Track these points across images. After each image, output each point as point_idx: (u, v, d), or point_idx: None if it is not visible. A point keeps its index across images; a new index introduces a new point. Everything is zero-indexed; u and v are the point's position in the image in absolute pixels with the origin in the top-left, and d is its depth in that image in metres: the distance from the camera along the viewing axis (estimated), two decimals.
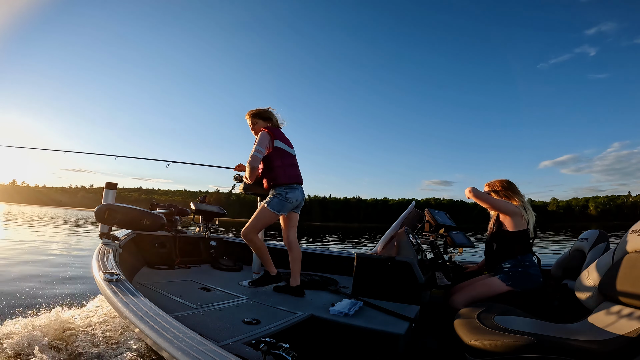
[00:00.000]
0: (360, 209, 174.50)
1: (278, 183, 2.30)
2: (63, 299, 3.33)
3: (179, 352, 0.89)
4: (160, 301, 1.87)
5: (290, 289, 2.31)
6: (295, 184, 2.35)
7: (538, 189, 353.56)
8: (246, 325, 1.59)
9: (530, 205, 2.29)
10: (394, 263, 2.24)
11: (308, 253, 3.48)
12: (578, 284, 1.82)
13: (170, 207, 3.20)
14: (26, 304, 3.15)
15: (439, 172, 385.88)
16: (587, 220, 62.58)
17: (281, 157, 2.34)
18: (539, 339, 1.35)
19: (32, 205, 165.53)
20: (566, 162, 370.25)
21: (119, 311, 1.28)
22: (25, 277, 4.46)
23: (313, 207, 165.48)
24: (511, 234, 2.18)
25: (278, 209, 2.28)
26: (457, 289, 2.30)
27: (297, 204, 2.41)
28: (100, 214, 2.01)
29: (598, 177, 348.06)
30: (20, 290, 3.71)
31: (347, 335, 1.70)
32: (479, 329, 1.49)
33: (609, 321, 1.44)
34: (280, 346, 1.10)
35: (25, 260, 5.91)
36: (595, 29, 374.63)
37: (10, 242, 8.87)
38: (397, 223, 2.55)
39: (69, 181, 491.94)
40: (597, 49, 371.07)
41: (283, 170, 2.32)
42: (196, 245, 3.53)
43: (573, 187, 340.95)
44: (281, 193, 2.29)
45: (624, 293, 1.46)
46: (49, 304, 3.12)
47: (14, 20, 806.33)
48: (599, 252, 2.10)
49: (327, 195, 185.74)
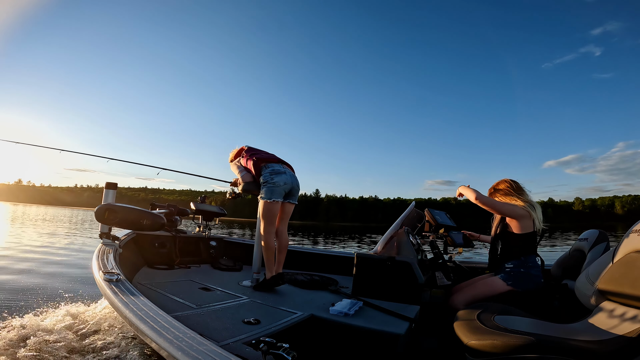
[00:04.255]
0: (378, 209, 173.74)
1: (260, 165, 2.43)
2: (63, 298, 3.33)
3: (179, 352, 0.89)
4: (160, 301, 1.87)
5: (266, 281, 2.37)
6: (276, 163, 2.45)
7: (542, 188, 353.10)
8: (246, 325, 1.59)
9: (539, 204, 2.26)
10: (394, 263, 2.23)
11: (308, 253, 3.48)
12: (578, 284, 1.82)
13: (170, 207, 3.20)
14: (26, 303, 3.15)
15: (441, 172, 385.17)
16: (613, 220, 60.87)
17: (256, 150, 2.53)
18: (539, 339, 1.35)
19: (38, 205, 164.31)
20: (570, 162, 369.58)
21: (119, 311, 1.28)
22: (25, 278, 4.46)
23: (331, 208, 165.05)
24: (517, 236, 2.16)
25: (269, 196, 2.34)
26: (457, 289, 2.30)
27: (289, 188, 2.42)
28: (100, 214, 2.01)
29: (602, 177, 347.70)
30: (21, 291, 3.71)
31: (347, 335, 1.70)
32: (479, 329, 1.49)
33: (609, 321, 1.44)
34: (280, 346, 1.10)
35: (26, 260, 5.91)
36: (601, 29, 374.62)
37: (13, 242, 8.88)
38: (397, 223, 2.54)
39: (73, 181, 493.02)
40: (603, 49, 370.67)
41: (261, 155, 2.49)
42: (196, 245, 3.53)
43: (577, 187, 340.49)
44: (267, 180, 2.37)
45: (624, 293, 1.46)
46: (49, 303, 3.12)
47: (17, 20, 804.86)
48: (599, 252, 2.10)
49: (344, 195, 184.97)
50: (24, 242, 8.79)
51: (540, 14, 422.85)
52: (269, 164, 2.46)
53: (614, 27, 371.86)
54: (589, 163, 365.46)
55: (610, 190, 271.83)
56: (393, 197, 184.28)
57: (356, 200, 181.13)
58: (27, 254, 6.71)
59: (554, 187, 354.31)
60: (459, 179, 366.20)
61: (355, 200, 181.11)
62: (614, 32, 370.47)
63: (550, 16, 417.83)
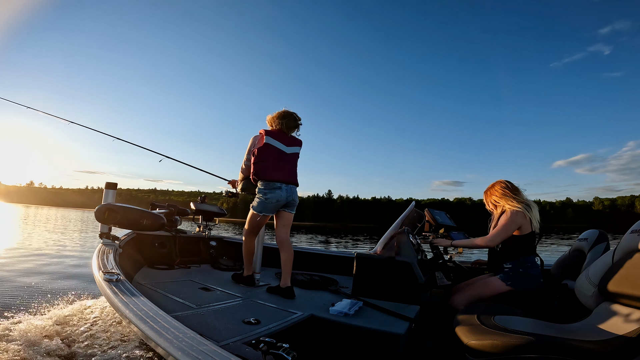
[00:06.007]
0: (391, 210, 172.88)
1: (259, 177, 2.33)
2: (63, 298, 3.33)
3: (179, 352, 0.89)
4: (160, 301, 1.87)
5: (280, 290, 2.28)
6: (277, 182, 2.32)
7: (552, 189, 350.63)
8: (246, 325, 1.59)
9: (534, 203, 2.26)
10: (394, 263, 2.24)
11: (308, 253, 3.48)
12: (578, 284, 1.82)
13: (170, 207, 3.20)
14: (26, 303, 3.15)
15: (449, 173, 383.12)
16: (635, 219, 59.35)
17: (269, 153, 2.34)
18: (538, 339, 1.35)
19: (49, 206, 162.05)
20: (580, 161, 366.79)
21: (119, 311, 1.28)
22: (25, 277, 4.45)
23: (344, 208, 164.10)
24: (516, 238, 2.17)
25: (260, 209, 2.32)
26: (457, 289, 2.30)
27: (283, 203, 2.37)
28: (100, 214, 2.01)
29: (613, 177, 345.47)
30: (21, 290, 3.71)
31: (347, 335, 1.70)
32: (479, 329, 1.49)
33: (609, 321, 1.44)
34: (280, 346, 1.10)
35: (27, 260, 5.91)
36: (609, 28, 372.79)
37: (19, 242, 8.88)
38: (397, 223, 2.54)
39: (83, 182, 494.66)
40: (612, 48, 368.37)
41: (266, 166, 2.33)
42: (196, 245, 3.53)
43: (588, 187, 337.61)
44: (261, 193, 2.32)
45: (624, 293, 1.46)
46: (49, 303, 3.12)
47: (18, 21, 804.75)
48: (599, 252, 2.10)
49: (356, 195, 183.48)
50: (28, 243, 8.79)
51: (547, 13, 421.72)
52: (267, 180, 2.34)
53: (623, 25, 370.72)
54: (599, 163, 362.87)
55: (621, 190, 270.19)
56: (405, 198, 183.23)
57: (369, 201, 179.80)
58: (30, 253, 6.71)
59: (564, 187, 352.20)
60: (467, 179, 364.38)
61: (368, 201, 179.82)
62: (623, 30, 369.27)
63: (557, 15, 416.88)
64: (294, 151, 2.46)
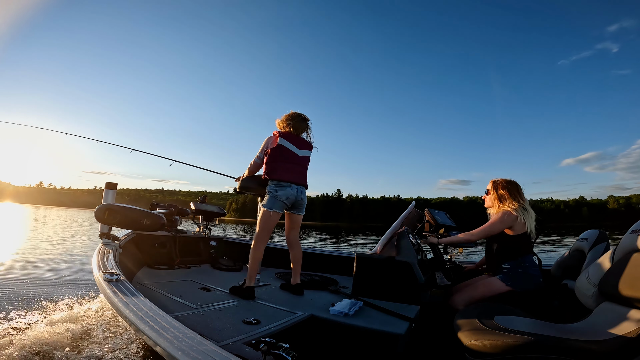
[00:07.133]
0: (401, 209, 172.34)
1: (270, 177, 2.37)
2: (63, 298, 3.34)
3: (179, 352, 0.88)
4: (160, 301, 1.87)
5: (291, 287, 2.43)
6: (287, 182, 2.37)
7: (560, 187, 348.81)
8: (246, 325, 1.59)
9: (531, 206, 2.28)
10: (394, 263, 2.24)
11: (308, 253, 3.48)
12: (578, 284, 1.82)
13: (170, 207, 3.20)
14: (26, 304, 3.15)
15: (455, 171, 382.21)
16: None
17: (281, 154, 2.39)
18: (538, 339, 1.35)
19: (59, 207, 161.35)
20: (589, 159, 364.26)
21: (119, 311, 1.28)
22: (25, 277, 4.45)
23: (354, 208, 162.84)
24: (511, 237, 2.18)
25: (270, 205, 2.34)
26: (457, 289, 2.30)
27: (292, 202, 2.40)
28: (100, 214, 2.01)
29: (623, 175, 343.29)
30: (21, 290, 3.71)
31: (347, 335, 1.70)
32: (479, 329, 1.49)
33: (609, 321, 1.44)
34: (280, 346, 1.10)
35: (27, 260, 5.91)
36: (617, 25, 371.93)
37: (23, 243, 8.88)
38: (397, 223, 2.54)
39: (92, 183, 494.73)
40: (620, 45, 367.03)
41: (278, 166, 2.38)
42: (196, 245, 3.53)
43: (597, 185, 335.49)
44: (271, 191, 2.35)
45: (624, 293, 1.46)
46: (49, 303, 3.12)
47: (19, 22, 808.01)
48: (599, 252, 2.10)
49: (365, 195, 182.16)
50: (31, 243, 8.79)
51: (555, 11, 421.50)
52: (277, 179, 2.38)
53: (630, 23, 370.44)
54: (608, 161, 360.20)
55: (631, 188, 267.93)
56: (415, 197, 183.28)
57: (379, 200, 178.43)
58: (32, 253, 6.71)
59: (573, 186, 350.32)
60: (474, 177, 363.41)
61: (378, 200, 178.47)
62: (630, 28, 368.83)
63: (564, 13, 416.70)
64: (305, 154, 2.51)
